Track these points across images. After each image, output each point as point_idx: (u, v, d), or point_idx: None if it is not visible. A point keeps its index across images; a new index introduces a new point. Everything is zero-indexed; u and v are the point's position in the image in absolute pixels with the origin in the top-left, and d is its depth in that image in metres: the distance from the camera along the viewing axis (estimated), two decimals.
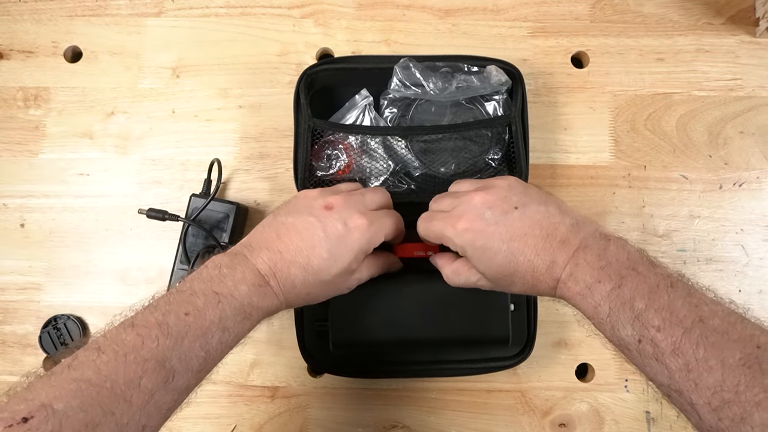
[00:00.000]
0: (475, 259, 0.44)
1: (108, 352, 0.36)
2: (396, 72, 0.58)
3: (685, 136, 0.63)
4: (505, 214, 0.43)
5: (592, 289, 0.39)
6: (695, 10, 0.66)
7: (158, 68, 0.65)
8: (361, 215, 0.46)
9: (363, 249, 0.46)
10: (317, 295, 0.47)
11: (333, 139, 0.60)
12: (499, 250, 0.42)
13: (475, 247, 0.43)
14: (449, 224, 0.45)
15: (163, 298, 0.41)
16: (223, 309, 0.40)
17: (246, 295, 0.42)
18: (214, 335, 0.40)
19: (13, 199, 0.63)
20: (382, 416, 0.59)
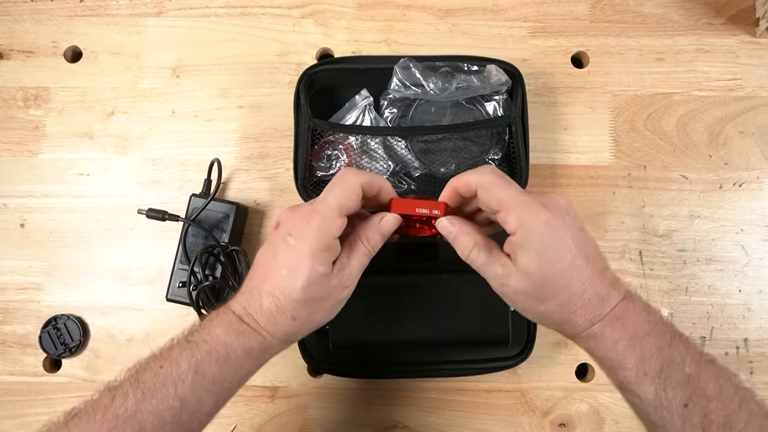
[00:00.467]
0: (534, 258, 0.39)
1: (81, 416, 0.38)
2: (396, 72, 0.58)
3: (685, 136, 0.63)
4: (579, 230, 0.41)
5: (643, 340, 0.38)
6: (695, 10, 0.66)
7: (158, 68, 0.65)
8: (302, 217, 0.42)
9: (318, 249, 0.40)
10: (308, 316, 0.43)
11: (333, 139, 0.60)
12: (564, 258, 0.39)
13: (544, 243, 0.39)
14: (532, 206, 0.39)
15: (147, 357, 0.41)
16: (193, 354, 0.40)
17: (221, 336, 0.41)
18: (186, 381, 0.39)
19: (13, 199, 0.63)
20: (382, 416, 0.59)
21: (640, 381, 0.38)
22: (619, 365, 0.39)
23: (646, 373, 0.38)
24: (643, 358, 0.38)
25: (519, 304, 0.42)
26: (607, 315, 0.40)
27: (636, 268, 0.61)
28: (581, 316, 0.40)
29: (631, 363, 0.38)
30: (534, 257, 0.39)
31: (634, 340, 0.39)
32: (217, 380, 0.40)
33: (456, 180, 0.43)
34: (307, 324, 0.43)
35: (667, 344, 0.38)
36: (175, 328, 0.60)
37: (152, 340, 0.60)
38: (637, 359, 0.38)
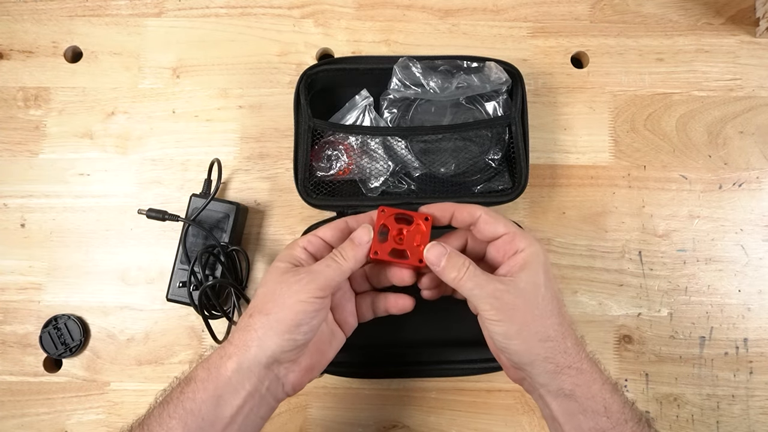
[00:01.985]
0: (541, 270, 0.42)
1: None
2: (395, 72, 0.58)
3: (685, 136, 0.63)
4: (554, 280, 0.44)
5: (608, 406, 0.40)
6: (695, 10, 0.66)
7: (158, 68, 0.65)
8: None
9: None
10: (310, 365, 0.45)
11: (333, 139, 0.60)
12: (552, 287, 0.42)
13: (547, 265, 0.43)
14: (525, 234, 0.44)
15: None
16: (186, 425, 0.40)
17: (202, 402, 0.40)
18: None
19: (13, 199, 0.63)
20: (382, 416, 0.59)
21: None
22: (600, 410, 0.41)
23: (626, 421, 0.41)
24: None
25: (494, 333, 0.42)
26: (564, 369, 0.41)
27: (636, 268, 0.61)
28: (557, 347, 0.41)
29: (615, 408, 0.41)
30: (541, 273, 0.42)
31: (590, 403, 0.41)
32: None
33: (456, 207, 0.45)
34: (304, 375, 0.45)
35: (638, 420, 0.41)
36: (175, 328, 0.60)
37: (152, 340, 0.60)
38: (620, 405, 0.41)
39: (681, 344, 0.60)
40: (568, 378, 0.41)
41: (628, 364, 0.60)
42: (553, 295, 0.42)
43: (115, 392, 0.60)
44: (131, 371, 0.60)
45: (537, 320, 0.41)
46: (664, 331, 0.60)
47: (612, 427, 0.40)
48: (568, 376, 0.41)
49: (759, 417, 0.59)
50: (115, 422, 0.59)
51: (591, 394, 0.40)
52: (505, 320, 0.41)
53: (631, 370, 0.59)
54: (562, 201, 0.62)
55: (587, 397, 0.40)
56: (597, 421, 0.40)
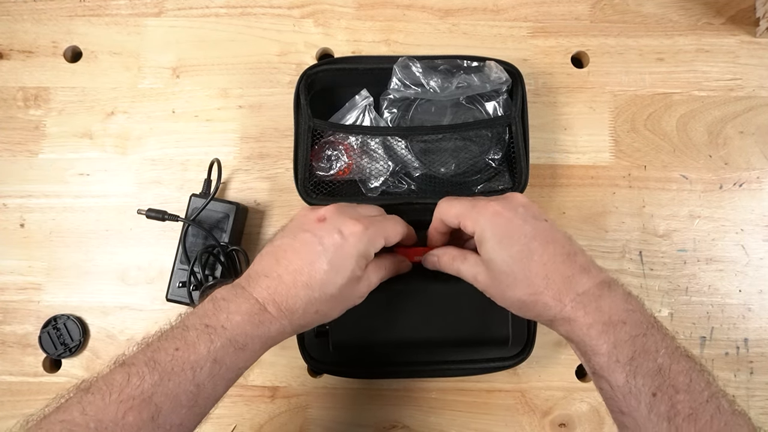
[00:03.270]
0: (490, 245, 0.43)
1: (96, 392, 0.37)
2: (395, 71, 0.58)
3: (685, 136, 0.63)
4: (535, 219, 0.44)
5: (617, 327, 0.39)
6: (695, 10, 0.66)
7: (158, 68, 0.65)
8: (356, 221, 0.45)
9: (363, 254, 0.44)
10: (328, 312, 0.45)
11: (333, 139, 0.60)
12: (518, 241, 0.42)
13: (496, 231, 0.43)
14: (480, 206, 0.45)
15: (157, 335, 0.41)
16: (212, 341, 0.40)
17: (239, 325, 0.41)
18: (204, 368, 0.39)
19: (13, 199, 0.63)
20: (382, 416, 0.59)
21: (612, 367, 0.39)
22: (592, 351, 0.40)
23: (617, 360, 0.38)
24: (615, 345, 0.39)
25: (494, 295, 0.45)
26: (578, 296, 0.41)
27: (636, 268, 0.61)
28: (549, 296, 0.41)
29: (603, 349, 0.39)
30: (490, 245, 0.43)
31: (608, 326, 0.39)
32: (231, 368, 0.41)
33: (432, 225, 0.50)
34: (323, 318, 0.45)
35: (642, 334, 0.39)
36: None
37: None
38: (610, 346, 0.39)
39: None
40: (560, 327, 0.42)
41: None
42: (516, 259, 0.42)
43: None
44: None
45: (507, 291, 0.43)
46: None
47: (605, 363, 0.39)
48: (560, 326, 0.42)
49: (759, 417, 0.59)
50: None
51: (583, 340, 0.41)
52: (492, 297, 0.46)
53: None
54: (562, 201, 0.62)
55: (581, 343, 0.41)
56: (593, 361, 0.40)
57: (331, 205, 0.47)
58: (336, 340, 0.53)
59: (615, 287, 0.41)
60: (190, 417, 0.39)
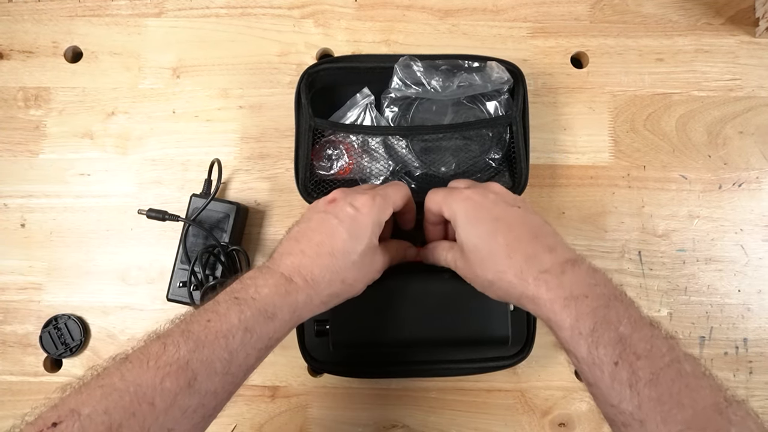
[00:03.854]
0: (461, 227, 0.46)
1: (134, 361, 0.38)
2: (396, 71, 0.58)
3: (685, 136, 0.63)
4: (506, 204, 0.46)
5: (579, 300, 0.40)
6: (695, 10, 0.66)
7: (158, 68, 0.65)
8: (363, 193, 0.48)
9: (377, 221, 0.47)
10: (353, 283, 0.47)
11: (334, 138, 0.60)
12: (485, 222, 0.45)
13: (466, 213, 0.46)
14: (455, 193, 0.48)
15: (189, 312, 0.42)
16: (242, 311, 0.41)
17: (268, 296, 0.42)
18: (236, 336, 0.40)
19: (13, 199, 0.63)
20: (382, 416, 0.59)
21: (575, 340, 0.40)
22: (557, 326, 0.41)
23: (580, 333, 0.39)
24: (577, 318, 0.40)
25: (468, 277, 0.48)
26: (540, 274, 0.42)
27: (635, 268, 0.61)
28: (511, 274, 0.43)
29: (566, 323, 0.40)
30: (461, 227, 0.46)
31: (570, 300, 0.40)
32: (262, 338, 0.42)
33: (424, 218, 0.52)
34: (349, 289, 0.47)
35: (604, 305, 0.40)
36: None
37: None
38: (572, 319, 0.40)
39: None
40: (528, 305, 0.44)
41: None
42: (482, 238, 0.45)
43: None
44: None
45: (477, 271, 0.46)
46: None
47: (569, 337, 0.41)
48: (527, 304, 0.44)
49: None
50: None
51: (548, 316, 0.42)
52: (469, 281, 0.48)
53: None
54: (561, 201, 0.62)
55: (547, 319, 0.42)
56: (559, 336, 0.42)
57: (339, 189, 0.50)
58: (336, 339, 0.53)
59: (580, 264, 0.43)
60: (224, 385, 0.40)
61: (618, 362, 0.37)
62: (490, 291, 0.46)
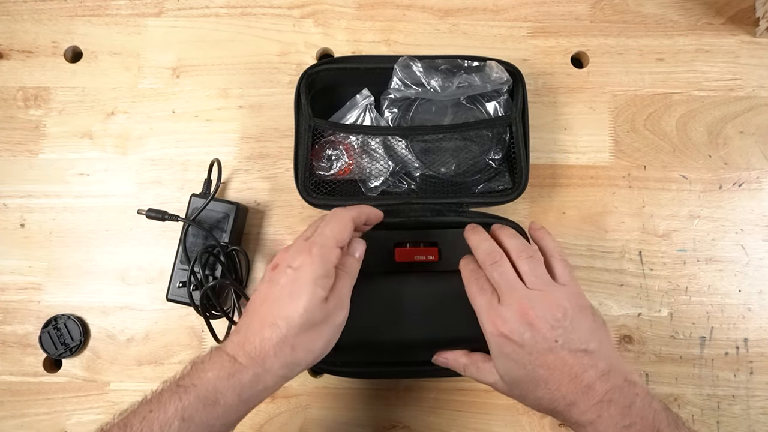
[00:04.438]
0: (498, 363, 0.46)
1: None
2: (396, 71, 0.58)
3: (685, 136, 0.63)
4: (543, 342, 0.43)
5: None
6: (695, 10, 0.66)
7: (158, 68, 0.65)
8: (301, 250, 0.45)
9: (319, 274, 0.44)
10: (308, 347, 0.44)
11: (334, 139, 0.60)
12: (523, 367, 0.44)
13: (503, 352, 0.45)
14: (492, 317, 0.45)
15: (140, 401, 0.42)
16: (181, 399, 0.40)
17: (210, 381, 0.41)
18: (172, 425, 0.39)
19: (13, 199, 0.63)
20: (382, 416, 0.59)
21: None
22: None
23: None
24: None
25: (513, 398, 0.47)
26: (580, 420, 0.42)
27: (636, 268, 0.61)
28: (558, 415, 0.44)
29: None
30: (499, 366, 0.46)
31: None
32: (203, 426, 0.40)
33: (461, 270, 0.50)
34: (306, 354, 0.44)
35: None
36: (175, 328, 0.60)
37: (152, 340, 0.60)
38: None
39: (681, 344, 0.60)
40: (577, 431, 0.44)
41: (629, 365, 0.60)
42: (525, 382, 0.44)
43: (115, 392, 0.59)
44: (131, 371, 0.60)
45: (524, 400, 0.46)
46: (664, 331, 0.60)
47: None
48: (577, 430, 0.44)
49: (759, 417, 0.59)
50: None
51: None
52: (510, 396, 0.48)
53: (632, 370, 0.59)
54: (562, 201, 0.62)
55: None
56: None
57: (281, 249, 0.47)
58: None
59: (615, 400, 0.42)
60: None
61: None
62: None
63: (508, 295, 0.45)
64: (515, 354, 0.44)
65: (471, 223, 0.58)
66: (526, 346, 0.43)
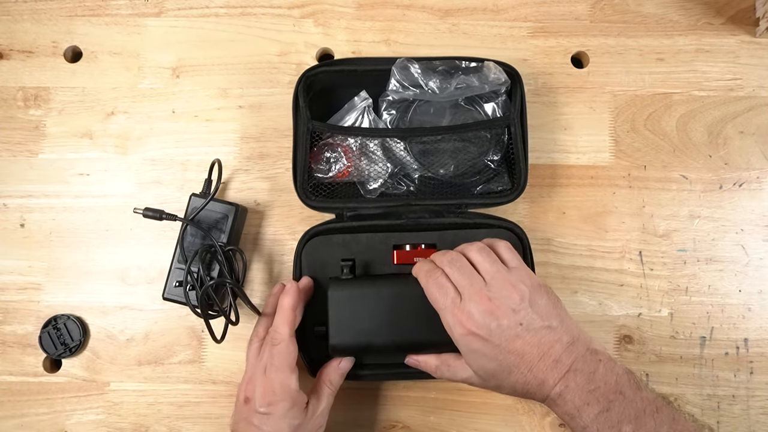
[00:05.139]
0: (469, 359, 0.47)
1: None
2: (394, 73, 0.58)
3: (685, 136, 0.63)
4: (509, 329, 0.45)
5: (581, 411, 0.43)
6: (695, 10, 0.66)
7: (158, 68, 0.65)
8: (262, 380, 0.50)
9: (288, 407, 0.49)
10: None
11: (332, 141, 0.60)
12: (494, 359, 0.45)
13: (472, 349, 0.46)
14: (459, 317, 0.46)
15: None
16: None
17: None
18: None
19: (13, 199, 0.63)
20: (382, 416, 0.59)
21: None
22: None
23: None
24: (584, 427, 0.43)
25: (485, 389, 0.49)
26: (550, 394, 0.44)
27: (636, 268, 0.61)
28: (532, 395, 0.46)
29: (576, 431, 0.44)
30: (470, 362, 0.47)
31: (574, 412, 0.43)
32: None
33: (414, 273, 0.51)
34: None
35: (605, 409, 0.42)
36: (175, 328, 0.61)
37: (152, 340, 0.60)
38: (580, 429, 0.43)
39: (681, 344, 0.60)
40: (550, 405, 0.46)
41: (629, 365, 0.59)
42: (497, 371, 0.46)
43: (115, 392, 0.60)
44: (131, 371, 0.60)
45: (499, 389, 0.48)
46: (664, 331, 0.60)
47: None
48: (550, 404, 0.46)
49: (759, 417, 0.59)
50: (115, 422, 0.59)
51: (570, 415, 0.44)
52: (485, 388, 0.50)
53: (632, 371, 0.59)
54: (562, 201, 0.62)
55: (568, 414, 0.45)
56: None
57: (245, 381, 0.52)
58: (334, 344, 0.52)
59: (580, 368, 0.44)
60: None
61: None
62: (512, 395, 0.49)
63: (469, 290, 0.46)
64: (485, 348, 0.45)
65: (470, 223, 0.58)
66: (493, 337, 0.45)
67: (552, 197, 0.62)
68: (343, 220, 0.58)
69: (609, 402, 0.42)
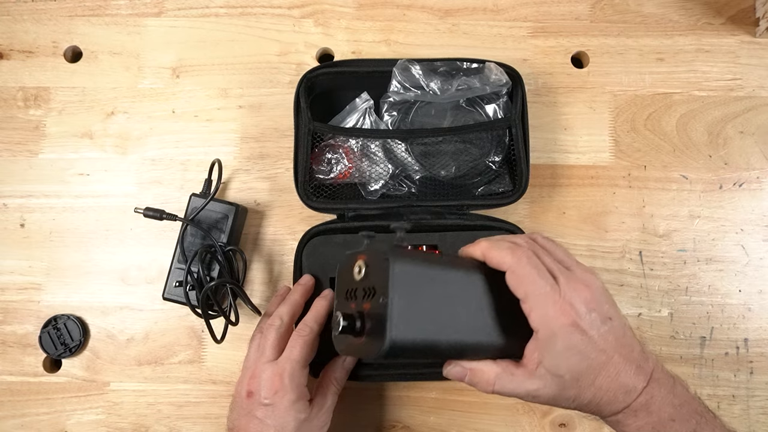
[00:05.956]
0: (559, 359, 0.40)
1: None
2: (395, 74, 0.58)
3: (685, 136, 0.63)
4: (603, 323, 0.40)
5: (668, 426, 0.39)
6: (695, 10, 0.66)
7: (158, 68, 0.65)
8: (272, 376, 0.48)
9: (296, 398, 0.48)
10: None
11: (333, 142, 0.60)
12: (587, 357, 0.39)
13: (570, 344, 0.39)
14: (558, 306, 0.39)
15: None
16: None
17: None
18: None
19: (13, 199, 0.63)
20: (382, 416, 0.59)
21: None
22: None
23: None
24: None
25: (550, 403, 0.42)
26: (630, 405, 0.40)
27: (636, 268, 0.61)
28: (607, 409, 0.41)
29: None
30: (562, 361, 0.39)
31: (658, 426, 0.39)
32: None
33: (487, 251, 0.42)
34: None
35: (692, 429, 0.40)
36: (175, 328, 0.61)
37: (152, 340, 0.60)
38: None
39: (681, 344, 0.60)
40: (626, 417, 0.41)
41: None
42: (587, 368, 0.40)
43: (115, 392, 0.60)
44: (131, 371, 0.60)
45: (573, 401, 0.41)
46: (664, 331, 0.60)
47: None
48: (623, 415, 0.41)
49: (759, 417, 0.59)
50: (115, 422, 0.59)
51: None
52: (543, 404, 0.42)
53: None
54: (562, 201, 0.62)
55: None
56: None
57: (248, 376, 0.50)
58: (396, 339, 0.42)
59: (662, 380, 0.41)
60: None
61: None
62: (571, 409, 0.42)
63: (566, 275, 0.40)
64: (582, 344, 0.39)
65: (471, 225, 0.58)
66: (592, 331, 0.39)
67: (552, 197, 0.62)
68: (344, 221, 0.58)
69: (696, 423, 0.39)
